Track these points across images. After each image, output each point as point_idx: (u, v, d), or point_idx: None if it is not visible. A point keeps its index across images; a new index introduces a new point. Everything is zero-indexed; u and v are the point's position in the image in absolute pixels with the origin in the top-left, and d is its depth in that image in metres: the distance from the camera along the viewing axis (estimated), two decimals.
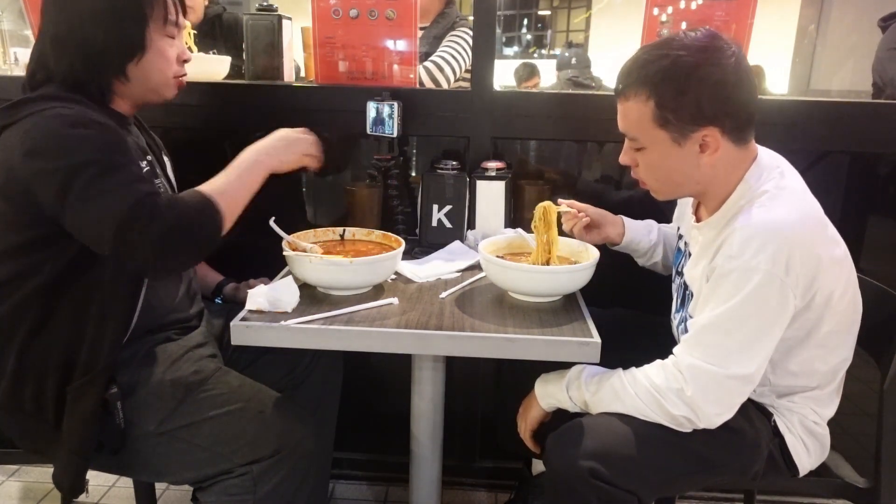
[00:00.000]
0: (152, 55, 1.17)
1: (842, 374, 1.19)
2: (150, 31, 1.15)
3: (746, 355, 1.03)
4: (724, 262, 1.03)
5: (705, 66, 1.02)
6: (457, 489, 1.92)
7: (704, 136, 1.05)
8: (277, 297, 1.17)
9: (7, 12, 3.12)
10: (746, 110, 1.07)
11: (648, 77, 1.04)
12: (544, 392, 1.21)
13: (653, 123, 1.06)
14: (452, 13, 2.20)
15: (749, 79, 1.06)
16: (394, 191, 1.63)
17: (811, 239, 1.03)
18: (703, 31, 1.06)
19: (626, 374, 1.11)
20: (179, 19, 1.22)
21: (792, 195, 1.08)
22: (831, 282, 1.07)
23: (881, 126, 1.63)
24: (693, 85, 1.02)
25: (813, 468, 1.20)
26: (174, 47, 1.21)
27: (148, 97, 1.22)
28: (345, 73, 1.68)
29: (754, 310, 1.01)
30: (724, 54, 1.03)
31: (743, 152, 1.11)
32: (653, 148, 1.10)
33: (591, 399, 1.13)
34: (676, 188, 1.17)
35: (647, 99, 1.05)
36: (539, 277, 1.23)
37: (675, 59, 1.02)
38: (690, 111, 1.04)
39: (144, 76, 1.18)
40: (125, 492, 1.86)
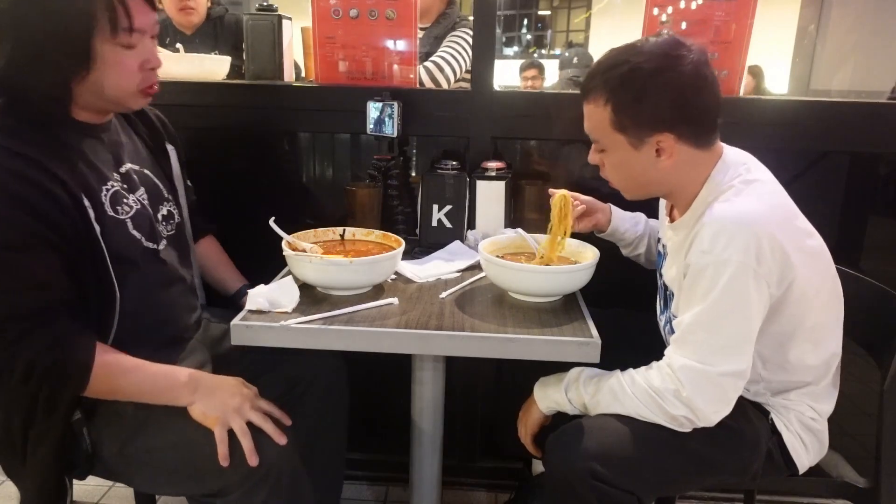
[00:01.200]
0: (103, 69, 1.03)
1: (834, 367, 1.19)
2: (97, 44, 1.01)
3: (735, 350, 1.04)
4: (697, 259, 1.05)
5: (663, 74, 1.04)
6: (457, 489, 1.92)
7: (659, 141, 1.08)
8: (277, 297, 1.17)
9: None
10: (707, 116, 1.09)
11: (607, 82, 1.07)
12: (543, 395, 1.21)
13: (611, 127, 1.09)
14: (453, 13, 2.20)
15: (709, 84, 1.07)
16: (394, 191, 1.62)
17: (778, 229, 1.04)
18: (666, 38, 1.08)
19: (624, 376, 1.12)
20: (136, 22, 1.04)
21: (758, 189, 1.09)
22: (807, 272, 1.08)
23: (881, 126, 1.63)
24: (650, 92, 1.04)
25: (812, 464, 1.20)
26: (134, 56, 1.06)
27: (109, 108, 1.13)
28: (345, 73, 1.68)
29: (734, 303, 1.02)
30: (683, 61, 1.04)
31: (706, 154, 1.12)
32: (613, 150, 1.12)
33: (590, 401, 1.13)
34: (641, 188, 1.19)
35: (605, 103, 1.08)
36: (539, 277, 1.23)
37: (634, 66, 1.04)
38: (646, 117, 1.06)
39: (96, 91, 1.06)
40: (125, 492, 1.86)
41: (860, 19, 4.18)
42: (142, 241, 1.16)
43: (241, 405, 1.07)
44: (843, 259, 1.22)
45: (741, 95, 1.65)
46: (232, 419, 1.05)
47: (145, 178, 1.22)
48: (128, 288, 1.11)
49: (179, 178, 1.35)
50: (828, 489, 1.27)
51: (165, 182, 1.29)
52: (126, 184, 1.16)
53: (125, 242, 1.12)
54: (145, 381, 1.08)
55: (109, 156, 1.16)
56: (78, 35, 1.00)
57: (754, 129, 1.60)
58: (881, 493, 1.19)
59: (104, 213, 1.09)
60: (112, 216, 1.10)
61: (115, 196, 1.12)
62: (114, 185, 1.12)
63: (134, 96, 1.11)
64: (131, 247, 1.13)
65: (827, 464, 1.25)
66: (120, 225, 1.12)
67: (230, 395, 1.08)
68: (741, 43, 1.60)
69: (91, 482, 1.14)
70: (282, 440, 1.07)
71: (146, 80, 1.11)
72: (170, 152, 1.33)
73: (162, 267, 1.20)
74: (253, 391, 1.13)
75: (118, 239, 1.10)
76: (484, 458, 1.94)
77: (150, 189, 1.22)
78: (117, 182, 1.14)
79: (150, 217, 1.19)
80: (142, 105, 1.16)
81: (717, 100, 1.09)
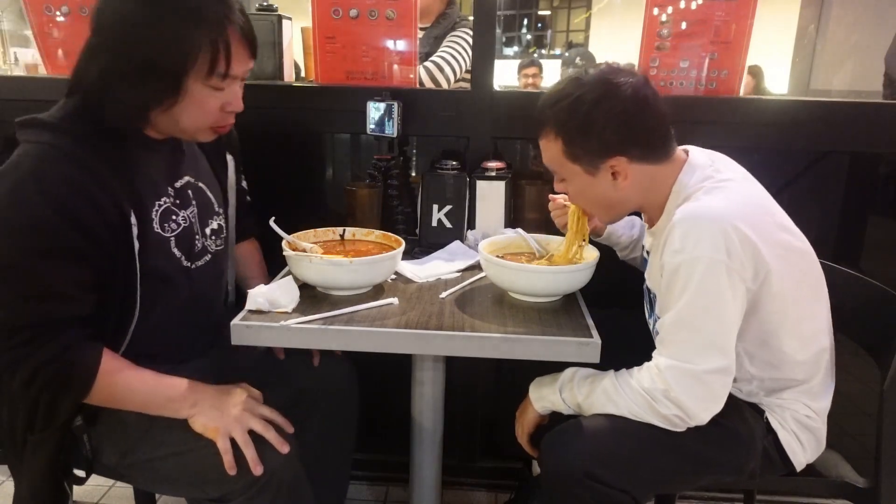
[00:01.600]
0: (187, 104, 1.03)
1: (825, 363, 1.19)
2: (189, 81, 1.01)
3: (716, 347, 1.05)
4: (669, 258, 1.06)
5: (604, 101, 1.08)
6: (457, 489, 1.92)
7: (612, 165, 1.11)
8: (277, 297, 1.17)
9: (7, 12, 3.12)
10: (653, 134, 1.12)
11: (554, 116, 1.12)
12: (538, 395, 1.22)
13: (565, 158, 1.13)
14: (453, 14, 2.20)
15: (651, 104, 1.10)
16: (394, 191, 1.63)
17: (745, 222, 1.04)
18: (602, 68, 1.12)
19: (617, 377, 1.12)
20: (233, 70, 1.04)
21: (725, 186, 1.10)
22: (783, 266, 1.08)
23: (881, 126, 1.63)
24: (594, 120, 1.08)
25: (810, 462, 1.21)
26: (219, 98, 1.07)
27: (176, 134, 1.12)
28: (345, 73, 1.68)
29: (709, 299, 1.03)
30: (622, 87, 1.08)
31: (664, 166, 1.15)
32: (572, 180, 1.17)
33: (584, 402, 1.14)
34: (609, 211, 1.22)
35: (555, 137, 1.13)
36: (539, 277, 1.23)
37: (576, 98, 1.09)
38: (595, 145, 1.10)
39: (173, 121, 1.06)
40: (125, 492, 1.86)
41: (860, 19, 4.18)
42: (181, 261, 1.16)
43: (242, 414, 1.07)
44: (843, 259, 1.22)
45: (741, 95, 1.65)
46: (233, 429, 1.05)
47: (199, 193, 1.22)
48: (150, 307, 1.10)
49: (234, 189, 1.35)
50: (827, 489, 1.27)
51: (219, 194, 1.29)
52: (179, 199, 1.16)
53: (163, 260, 1.12)
54: (146, 394, 1.07)
55: (168, 169, 1.16)
56: (175, 68, 0.99)
57: (754, 129, 1.60)
58: (881, 493, 1.19)
59: (150, 229, 1.09)
60: (157, 233, 1.11)
61: (166, 213, 1.13)
62: (166, 202, 1.13)
63: (205, 132, 1.12)
64: (168, 265, 1.13)
65: (826, 463, 1.26)
66: (163, 243, 1.12)
67: (231, 405, 1.08)
68: (741, 43, 1.60)
69: (91, 482, 1.14)
70: (284, 448, 1.07)
71: (222, 120, 1.11)
72: (228, 161, 1.34)
73: (195, 283, 1.19)
74: (255, 396, 1.12)
75: (157, 256, 1.10)
76: (484, 458, 1.94)
77: (203, 203, 1.22)
78: (170, 198, 1.14)
79: (199, 232, 1.20)
80: (208, 140, 1.15)
81: (662, 116, 1.12)
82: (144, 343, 1.12)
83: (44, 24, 1.68)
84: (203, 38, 0.99)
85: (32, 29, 1.69)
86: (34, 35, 1.70)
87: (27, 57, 2.63)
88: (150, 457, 1.09)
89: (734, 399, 1.16)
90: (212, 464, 1.04)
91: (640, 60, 1.65)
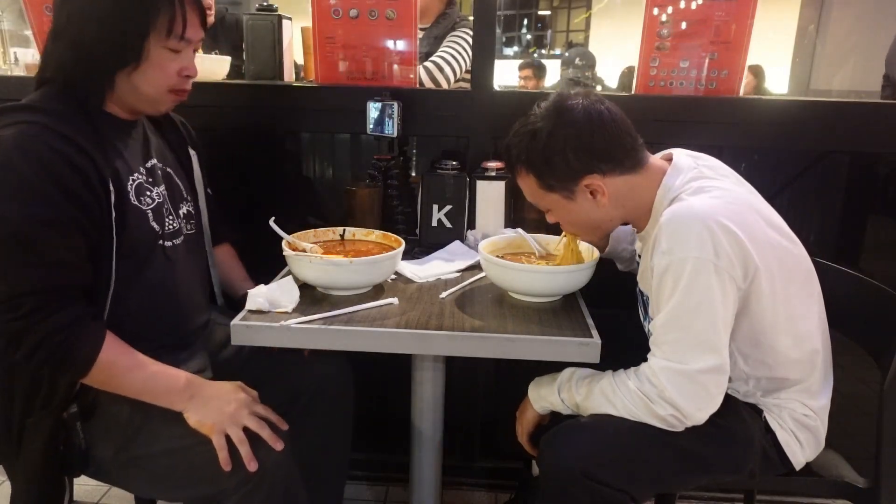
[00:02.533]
0: (147, 67, 1.09)
1: (821, 362, 1.18)
2: (150, 43, 1.07)
3: (708, 346, 1.04)
4: (658, 260, 1.06)
5: (557, 130, 1.11)
6: (457, 489, 1.92)
7: (586, 185, 1.13)
8: (277, 297, 1.17)
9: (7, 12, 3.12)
10: (615, 146, 1.13)
11: (518, 157, 1.16)
12: (537, 395, 1.22)
13: (543, 191, 1.17)
14: (454, 14, 2.20)
15: (606, 119, 1.12)
16: (394, 191, 1.62)
17: (731, 220, 1.04)
18: (552, 98, 1.16)
19: (615, 378, 1.12)
20: (188, 33, 1.11)
21: (712, 185, 1.11)
22: (772, 263, 1.08)
23: (881, 126, 1.63)
24: (553, 150, 1.12)
25: (809, 460, 1.20)
26: (176, 61, 1.13)
27: (138, 107, 1.16)
28: (345, 73, 1.68)
29: (700, 298, 1.03)
30: (572, 111, 1.12)
31: (641, 174, 1.16)
32: (556, 209, 1.20)
33: (582, 402, 1.14)
34: (599, 230, 1.25)
35: (526, 173, 1.17)
36: (539, 277, 1.23)
37: (532, 133, 1.14)
38: (563, 172, 1.13)
39: (134, 87, 1.10)
40: (125, 492, 1.85)
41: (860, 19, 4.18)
42: (159, 234, 1.17)
43: (237, 412, 1.07)
44: (844, 259, 1.22)
45: (741, 95, 1.65)
46: (228, 427, 1.05)
47: (168, 176, 1.25)
48: (127, 285, 1.11)
49: (200, 182, 1.36)
50: (827, 489, 1.27)
51: (186, 183, 1.31)
52: (150, 177, 1.19)
53: (142, 233, 1.13)
54: (144, 381, 1.08)
55: (138, 149, 1.19)
56: (137, 31, 1.06)
57: (754, 129, 1.60)
58: (881, 493, 1.19)
59: (128, 200, 1.11)
60: (135, 205, 1.12)
61: (140, 187, 1.15)
62: (139, 177, 1.15)
63: (163, 100, 1.16)
64: (147, 238, 1.15)
65: (826, 463, 1.26)
66: (141, 215, 1.14)
67: (226, 402, 1.08)
68: (741, 43, 1.60)
69: (92, 482, 1.14)
70: (278, 446, 1.07)
71: (179, 85, 1.15)
72: (192, 156, 1.35)
73: (173, 265, 1.20)
74: (251, 395, 1.12)
75: (136, 228, 1.12)
76: (484, 458, 1.94)
77: (172, 187, 1.25)
78: (142, 175, 1.17)
79: (171, 212, 1.21)
80: (169, 107, 1.20)
81: (622, 128, 1.13)
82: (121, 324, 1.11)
83: (44, 24, 1.68)
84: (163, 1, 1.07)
85: (32, 29, 1.69)
86: (34, 35, 1.70)
87: (27, 57, 2.63)
88: (143, 453, 1.09)
89: (732, 399, 1.16)
90: (206, 461, 1.04)
91: (640, 60, 1.65)
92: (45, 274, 0.99)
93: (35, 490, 1.11)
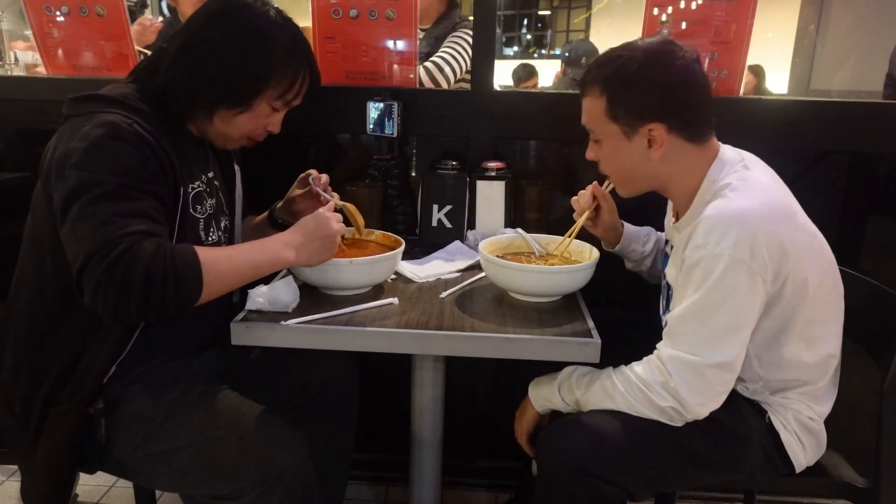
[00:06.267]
0: (248, 115, 1.16)
1: (833, 369, 1.19)
2: (263, 97, 1.15)
3: (722, 342, 1.04)
4: (691, 253, 1.06)
5: (652, 66, 1.11)
6: (457, 489, 1.92)
7: (650, 129, 1.12)
8: (277, 297, 1.17)
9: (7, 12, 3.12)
10: (695, 110, 1.13)
11: (602, 75, 1.14)
12: (537, 395, 1.22)
13: (606, 117, 1.15)
14: (455, 15, 2.20)
15: (699, 83, 1.13)
16: (394, 191, 1.63)
17: (774, 225, 1.05)
18: (659, 37, 1.16)
19: (615, 372, 1.13)
20: (295, 101, 1.21)
21: (755, 185, 1.11)
22: (803, 270, 1.08)
23: (881, 126, 1.63)
24: (639, 83, 1.11)
25: (810, 464, 1.21)
26: (270, 117, 1.20)
27: (214, 137, 1.21)
28: (345, 73, 1.68)
29: (724, 295, 1.03)
30: (673, 57, 1.11)
31: (699, 149, 1.15)
32: (607, 141, 1.18)
33: (582, 398, 1.14)
34: (632, 183, 1.22)
35: (600, 94, 1.14)
36: (539, 277, 1.23)
37: (626, 60, 1.11)
38: (637, 107, 1.12)
39: (226, 125, 1.17)
40: (125, 492, 1.86)
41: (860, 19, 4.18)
42: (204, 244, 1.18)
43: (334, 236, 1.16)
44: (843, 259, 1.22)
45: (741, 95, 1.65)
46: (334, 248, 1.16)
47: (217, 190, 1.28)
48: None
49: (240, 199, 1.38)
50: (827, 489, 1.27)
51: (228, 198, 1.33)
52: (207, 188, 1.22)
53: (192, 240, 1.14)
54: (250, 260, 1.08)
55: (200, 161, 1.22)
56: (259, 85, 1.14)
57: (754, 129, 1.60)
58: (881, 493, 1.19)
59: (186, 207, 1.14)
60: (191, 213, 1.15)
61: (198, 196, 1.18)
62: (199, 186, 1.19)
63: (242, 140, 1.22)
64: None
65: (827, 464, 1.26)
66: (194, 223, 1.16)
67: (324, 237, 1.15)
68: (741, 43, 1.60)
69: (92, 482, 1.14)
70: None
71: (259, 136, 1.23)
72: (236, 172, 1.38)
73: None
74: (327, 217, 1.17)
75: (189, 234, 1.14)
76: (484, 458, 1.94)
77: (218, 200, 1.28)
78: (202, 184, 1.20)
79: (215, 224, 1.24)
80: (235, 147, 1.25)
81: (708, 99, 1.14)
82: (155, 330, 1.13)
83: (44, 24, 1.68)
84: (292, 67, 1.16)
85: (32, 29, 1.69)
86: (34, 35, 1.70)
87: (27, 57, 2.63)
88: (165, 448, 1.10)
89: (735, 396, 1.16)
90: (226, 457, 1.06)
91: None
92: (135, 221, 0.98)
93: (49, 483, 1.11)
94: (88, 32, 1.69)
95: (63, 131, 1.05)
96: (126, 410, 1.12)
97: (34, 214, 1.10)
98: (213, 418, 1.12)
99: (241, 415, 1.13)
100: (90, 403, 1.09)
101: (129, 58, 1.70)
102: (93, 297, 0.94)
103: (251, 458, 1.07)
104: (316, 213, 1.17)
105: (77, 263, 0.95)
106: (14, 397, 1.13)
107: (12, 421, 1.14)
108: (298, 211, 1.35)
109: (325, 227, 1.15)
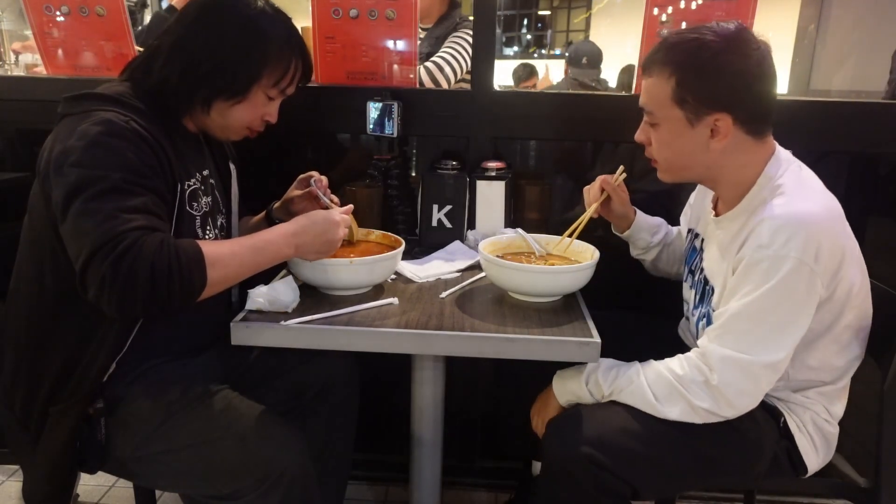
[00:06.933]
0: (244, 105, 1.17)
1: (853, 371, 1.20)
2: (258, 86, 1.16)
3: (775, 342, 1.04)
4: (752, 253, 1.04)
5: (729, 54, 1.06)
6: (457, 489, 1.92)
7: (717, 119, 1.08)
8: (277, 297, 1.17)
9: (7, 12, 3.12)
10: (763, 104, 1.10)
11: (674, 56, 1.09)
12: (563, 389, 1.21)
13: (671, 101, 1.10)
14: (455, 15, 2.20)
15: (771, 75, 1.09)
16: (394, 191, 1.62)
17: (835, 231, 1.06)
18: (735, 23, 1.10)
19: (644, 367, 1.12)
20: (289, 90, 1.21)
21: (812, 187, 1.11)
22: (851, 275, 1.09)
23: (881, 126, 1.63)
24: (714, 69, 1.06)
25: (820, 468, 1.20)
26: (267, 106, 1.21)
27: (213, 130, 1.22)
28: (345, 73, 1.68)
29: (784, 297, 1.03)
30: (750, 46, 1.06)
31: (759, 145, 1.13)
32: (666, 125, 1.13)
33: (608, 390, 1.13)
34: (683, 170, 1.18)
35: (669, 76, 1.09)
36: (539, 277, 1.23)
37: (702, 43, 1.06)
38: (707, 94, 1.07)
39: (224, 117, 1.18)
40: (125, 492, 1.86)
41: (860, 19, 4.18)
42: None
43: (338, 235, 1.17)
44: None
45: None
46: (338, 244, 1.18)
47: (212, 188, 1.28)
48: None
49: (236, 198, 1.38)
50: (828, 489, 1.27)
51: (224, 197, 1.33)
52: (203, 185, 1.23)
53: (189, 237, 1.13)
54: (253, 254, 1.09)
55: (196, 158, 1.23)
56: (253, 73, 1.14)
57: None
58: (881, 493, 1.19)
59: (183, 204, 1.14)
60: (187, 210, 1.16)
61: (193, 193, 1.18)
62: (195, 183, 1.19)
63: (242, 131, 1.23)
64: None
65: (828, 463, 1.25)
66: (191, 220, 1.16)
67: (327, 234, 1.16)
68: None
69: (92, 482, 1.15)
70: None
71: (258, 126, 1.24)
72: (232, 171, 1.37)
73: None
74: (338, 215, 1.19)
75: (186, 231, 1.14)
76: (484, 458, 1.94)
77: (214, 198, 1.28)
78: (197, 182, 1.21)
79: (211, 222, 1.24)
80: (235, 139, 1.26)
81: (774, 92, 1.11)
82: (153, 330, 1.13)
83: (44, 24, 1.68)
84: (285, 55, 1.16)
85: (32, 29, 1.69)
86: (34, 35, 1.70)
87: (27, 57, 2.63)
88: (164, 449, 1.10)
89: None
90: (226, 457, 1.06)
91: (640, 60, 1.65)
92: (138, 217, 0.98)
93: (51, 483, 1.11)
94: (88, 32, 1.69)
95: (59, 130, 1.05)
96: (126, 410, 1.12)
97: (32, 214, 1.10)
98: (213, 418, 1.12)
99: (241, 415, 1.13)
100: (90, 403, 1.09)
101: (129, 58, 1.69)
102: (98, 292, 0.94)
103: (251, 459, 1.07)
104: (329, 214, 1.18)
105: (80, 259, 0.94)
106: (14, 397, 1.13)
107: (13, 421, 1.14)
108: (296, 212, 1.35)
109: (331, 232, 1.16)
